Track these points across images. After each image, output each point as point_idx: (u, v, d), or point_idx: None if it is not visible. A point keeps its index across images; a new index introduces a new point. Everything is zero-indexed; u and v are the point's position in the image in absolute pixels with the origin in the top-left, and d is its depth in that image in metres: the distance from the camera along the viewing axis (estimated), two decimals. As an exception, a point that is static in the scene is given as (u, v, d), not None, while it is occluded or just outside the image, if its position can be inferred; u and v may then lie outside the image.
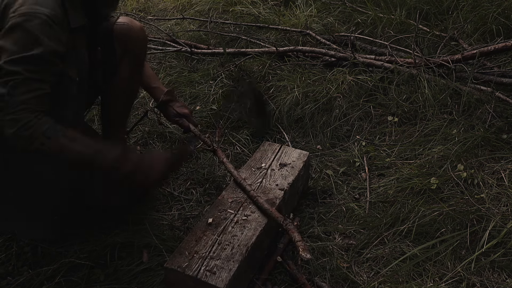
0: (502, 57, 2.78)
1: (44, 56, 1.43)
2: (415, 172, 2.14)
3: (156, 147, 2.42)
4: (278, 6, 3.84)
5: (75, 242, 1.83)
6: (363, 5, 3.57)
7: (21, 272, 1.73)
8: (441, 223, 1.87)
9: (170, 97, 2.07)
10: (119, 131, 2.04)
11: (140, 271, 1.73)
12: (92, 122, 2.52)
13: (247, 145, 2.40)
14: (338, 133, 2.50)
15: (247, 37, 3.38)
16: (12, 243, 1.82)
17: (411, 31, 3.10)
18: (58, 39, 1.47)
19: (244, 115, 2.04)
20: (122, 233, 1.85)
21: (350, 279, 1.71)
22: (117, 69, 1.87)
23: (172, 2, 4.22)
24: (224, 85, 2.83)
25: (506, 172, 2.11)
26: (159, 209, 2.04)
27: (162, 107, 2.08)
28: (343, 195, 2.10)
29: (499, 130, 2.35)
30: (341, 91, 2.64)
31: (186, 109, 2.10)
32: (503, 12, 3.06)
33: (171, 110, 2.07)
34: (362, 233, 1.90)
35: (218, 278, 1.49)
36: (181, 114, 2.08)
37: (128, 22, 1.86)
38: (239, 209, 1.76)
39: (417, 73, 2.64)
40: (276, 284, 1.72)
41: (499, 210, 1.93)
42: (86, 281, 1.69)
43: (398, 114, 2.53)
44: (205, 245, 1.60)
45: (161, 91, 2.07)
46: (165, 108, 2.08)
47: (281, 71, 2.93)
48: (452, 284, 1.67)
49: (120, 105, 1.97)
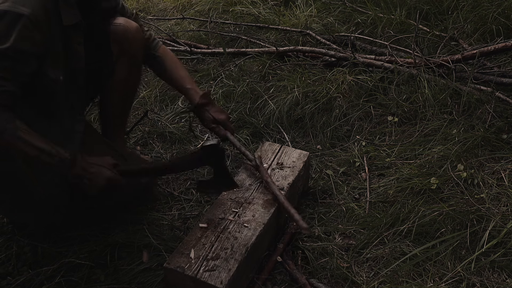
0: (502, 57, 2.78)
1: (8, 54, 1.43)
2: (415, 172, 2.14)
3: (156, 147, 2.42)
4: (278, 6, 3.84)
5: (75, 242, 1.83)
6: (363, 5, 3.57)
7: (21, 272, 1.73)
8: (441, 223, 1.87)
9: (207, 100, 1.95)
10: (118, 130, 2.04)
11: (140, 271, 1.73)
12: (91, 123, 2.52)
13: (247, 145, 2.40)
14: (338, 133, 2.50)
15: (247, 37, 3.38)
16: (12, 243, 1.82)
17: (411, 31, 3.10)
18: (31, 40, 1.47)
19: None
20: (122, 233, 1.85)
21: (350, 279, 1.71)
22: (113, 70, 1.86)
23: (172, 2, 4.22)
24: (224, 85, 2.84)
25: (506, 172, 2.11)
26: (159, 209, 2.04)
27: (197, 111, 1.96)
28: (343, 195, 2.10)
29: (499, 130, 2.35)
30: (341, 91, 2.64)
31: (224, 114, 1.97)
32: (503, 12, 3.06)
33: (207, 115, 1.94)
34: (362, 233, 1.90)
35: (217, 278, 1.49)
36: (218, 120, 1.94)
37: (124, 23, 1.84)
38: (239, 209, 1.76)
39: (417, 73, 2.64)
40: (276, 284, 1.72)
41: (499, 210, 1.93)
42: (86, 281, 1.69)
43: (398, 114, 2.53)
44: (205, 245, 1.60)
45: (196, 93, 1.95)
46: (200, 112, 1.96)
47: (281, 71, 2.93)
48: (452, 284, 1.67)
49: (118, 105, 1.97)
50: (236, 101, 2.70)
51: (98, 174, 1.59)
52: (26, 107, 1.58)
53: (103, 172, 1.60)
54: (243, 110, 2.62)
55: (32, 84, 1.55)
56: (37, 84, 1.57)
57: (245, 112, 2.61)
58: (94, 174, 1.59)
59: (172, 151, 2.39)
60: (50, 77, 1.57)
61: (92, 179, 1.58)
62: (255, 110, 2.63)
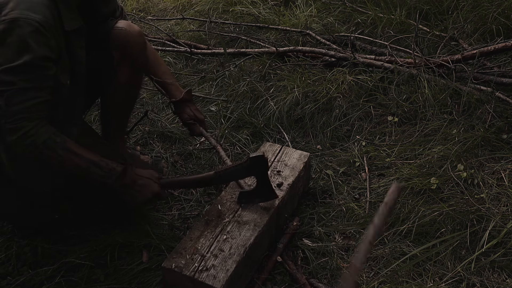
0: (502, 57, 2.78)
1: (35, 63, 1.44)
2: (415, 172, 2.14)
3: (156, 147, 2.42)
4: (278, 6, 3.84)
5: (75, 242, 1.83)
6: (363, 5, 3.57)
7: (21, 272, 1.73)
8: (441, 223, 1.87)
9: (189, 97, 2.02)
10: (118, 133, 2.03)
11: (140, 271, 1.73)
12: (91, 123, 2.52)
13: (247, 145, 2.40)
14: (338, 133, 2.50)
15: (247, 37, 3.38)
16: (12, 243, 1.82)
17: (411, 31, 3.09)
18: (48, 45, 1.47)
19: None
20: (122, 233, 1.85)
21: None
22: (115, 74, 1.85)
23: (172, 2, 4.22)
24: (224, 85, 2.84)
25: (506, 172, 2.11)
26: (159, 209, 2.04)
27: (179, 105, 2.02)
28: (343, 195, 2.10)
29: (499, 130, 2.35)
30: (341, 91, 2.64)
31: (202, 114, 2.06)
32: (503, 12, 3.06)
33: (188, 111, 2.02)
34: (362, 233, 1.90)
35: (215, 278, 1.49)
36: (197, 118, 2.03)
37: (126, 27, 1.82)
38: (238, 209, 1.76)
39: (417, 73, 2.64)
40: (276, 284, 1.72)
41: (499, 210, 1.93)
42: (86, 281, 1.69)
43: (398, 114, 2.53)
44: (203, 245, 1.61)
45: (178, 88, 2.01)
46: (182, 107, 2.02)
47: (281, 71, 2.93)
48: (452, 284, 1.67)
49: (119, 109, 1.96)
50: (236, 101, 2.70)
51: (147, 186, 1.64)
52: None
53: (151, 185, 1.66)
54: (243, 110, 2.62)
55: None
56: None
57: (245, 112, 2.61)
58: (143, 186, 1.64)
59: (172, 151, 2.39)
60: (61, 82, 1.58)
61: (140, 191, 1.63)
62: (255, 110, 2.63)
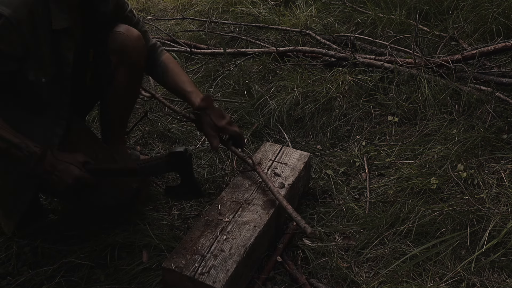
0: (502, 57, 2.78)
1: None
2: (415, 172, 2.14)
3: (156, 147, 2.42)
4: (278, 6, 3.84)
5: (75, 242, 1.83)
6: (363, 5, 3.57)
7: (21, 272, 1.73)
8: (441, 223, 1.87)
9: (207, 103, 1.82)
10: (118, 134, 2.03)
11: (140, 271, 1.73)
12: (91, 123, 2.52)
13: (247, 145, 2.40)
14: (338, 133, 2.50)
15: (247, 37, 3.38)
16: (12, 243, 1.82)
17: (411, 31, 3.10)
18: (9, 41, 1.47)
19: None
20: (122, 233, 1.85)
21: (350, 279, 1.71)
22: (112, 78, 1.84)
23: (172, 2, 4.22)
24: (224, 85, 2.84)
25: (506, 172, 2.11)
26: (159, 209, 2.04)
27: (197, 114, 1.84)
28: (343, 195, 2.10)
29: (499, 130, 2.35)
30: (341, 91, 2.64)
31: (224, 119, 1.83)
32: (503, 12, 3.06)
33: (207, 120, 1.81)
34: (362, 233, 1.90)
35: (215, 278, 1.49)
36: (218, 127, 1.81)
37: (125, 31, 1.80)
38: (238, 209, 1.76)
39: (417, 73, 2.64)
40: (276, 284, 1.72)
41: (499, 210, 1.93)
42: (86, 281, 1.69)
43: (398, 114, 2.53)
44: (203, 245, 1.60)
45: (198, 96, 1.84)
46: (200, 117, 1.82)
47: (281, 71, 2.93)
48: (452, 284, 1.67)
49: (118, 112, 1.95)
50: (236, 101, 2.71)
51: (66, 171, 1.56)
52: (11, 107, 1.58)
53: (71, 170, 1.57)
54: (243, 110, 2.62)
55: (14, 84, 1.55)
56: (19, 85, 1.57)
57: (245, 112, 2.61)
58: (62, 171, 1.55)
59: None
60: (29, 79, 1.56)
61: (59, 176, 1.55)
62: (255, 110, 2.63)
